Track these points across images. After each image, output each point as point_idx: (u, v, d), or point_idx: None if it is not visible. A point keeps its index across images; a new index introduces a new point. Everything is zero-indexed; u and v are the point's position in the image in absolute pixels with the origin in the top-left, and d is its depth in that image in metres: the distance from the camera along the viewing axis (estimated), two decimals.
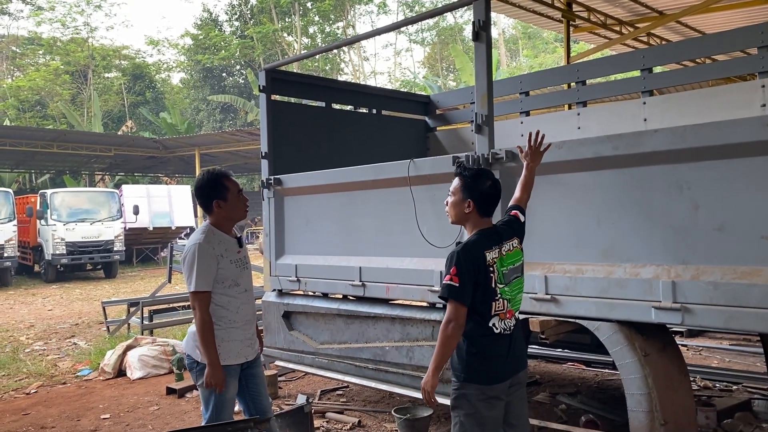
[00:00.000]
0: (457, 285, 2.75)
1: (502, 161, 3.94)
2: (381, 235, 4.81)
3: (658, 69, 5.55)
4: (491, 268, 2.83)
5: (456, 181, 3.02)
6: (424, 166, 4.45)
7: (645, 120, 5.40)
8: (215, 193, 3.37)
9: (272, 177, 5.57)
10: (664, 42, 11.84)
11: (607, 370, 6.11)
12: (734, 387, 5.52)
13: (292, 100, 6.90)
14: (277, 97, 6.03)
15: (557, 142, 3.76)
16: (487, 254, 2.84)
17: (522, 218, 3.16)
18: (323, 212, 5.27)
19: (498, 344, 2.85)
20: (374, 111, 6.93)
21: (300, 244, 5.47)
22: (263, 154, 5.69)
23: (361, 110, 6.92)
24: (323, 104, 6.44)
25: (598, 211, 3.57)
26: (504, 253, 2.91)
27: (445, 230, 4.37)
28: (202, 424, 3.39)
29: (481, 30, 4.03)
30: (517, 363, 2.96)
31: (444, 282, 2.79)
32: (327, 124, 6.39)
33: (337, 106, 6.73)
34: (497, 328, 2.83)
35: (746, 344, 7.01)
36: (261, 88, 5.75)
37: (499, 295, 2.84)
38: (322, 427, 4.87)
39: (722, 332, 7.14)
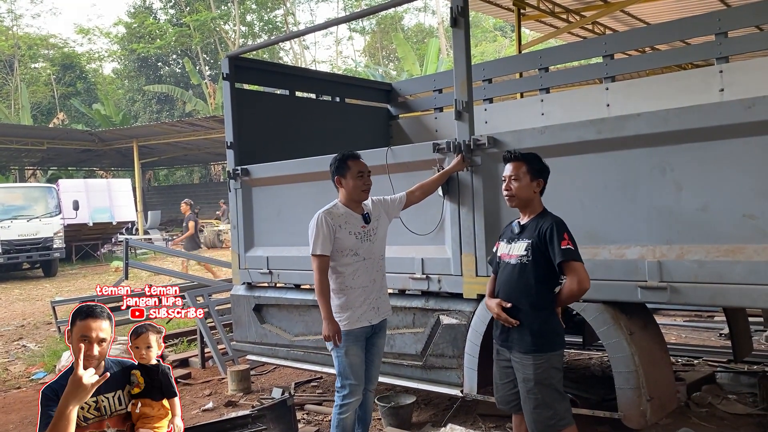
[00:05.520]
0: (576, 248, 3.03)
1: (484, 147, 3.95)
2: None
3: (619, 55, 5.68)
4: None
5: (515, 166, 3.17)
6: (403, 153, 4.43)
7: (608, 105, 5.52)
8: (337, 171, 3.69)
9: (239, 167, 5.43)
10: (609, 32, 12.15)
11: (573, 350, 6.26)
12: (695, 361, 5.75)
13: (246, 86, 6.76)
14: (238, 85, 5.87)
15: (539, 127, 3.81)
16: None
17: None
18: (296, 203, 5.16)
19: None
20: (337, 99, 6.85)
21: (272, 235, 5.35)
22: (228, 144, 5.54)
23: (324, 98, 6.82)
24: (287, 92, 6.32)
25: (581, 195, 3.63)
26: None
27: (425, 217, 4.37)
28: (337, 385, 3.66)
29: (460, 16, 4.03)
30: None
31: (565, 247, 2.99)
32: (290, 113, 6.25)
33: (300, 94, 6.62)
34: None
35: (698, 320, 7.31)
36: (224, 75, 5.58)
37: None
38: (303, 419, 4.81)
39: (675, 310, 7.42)
